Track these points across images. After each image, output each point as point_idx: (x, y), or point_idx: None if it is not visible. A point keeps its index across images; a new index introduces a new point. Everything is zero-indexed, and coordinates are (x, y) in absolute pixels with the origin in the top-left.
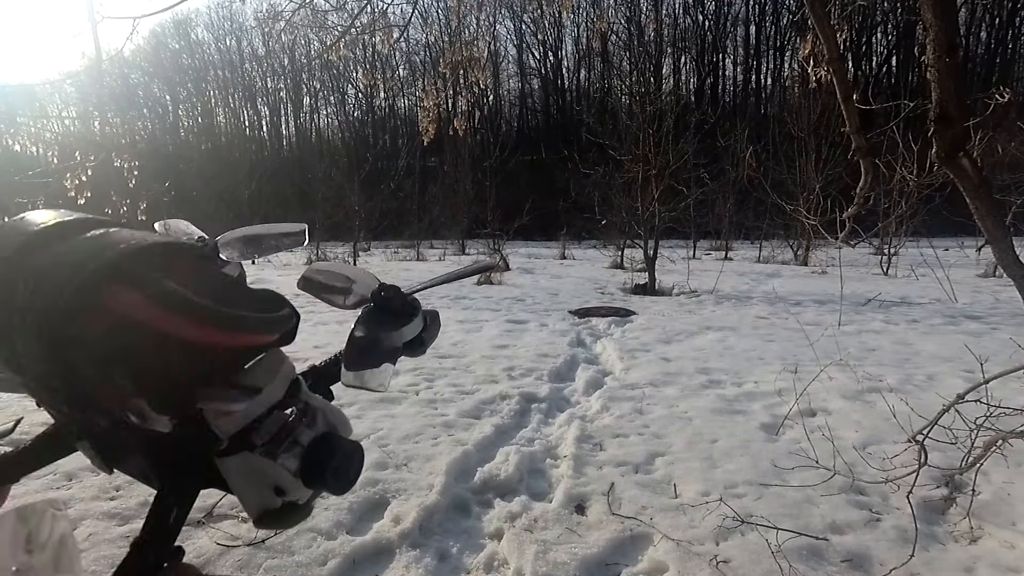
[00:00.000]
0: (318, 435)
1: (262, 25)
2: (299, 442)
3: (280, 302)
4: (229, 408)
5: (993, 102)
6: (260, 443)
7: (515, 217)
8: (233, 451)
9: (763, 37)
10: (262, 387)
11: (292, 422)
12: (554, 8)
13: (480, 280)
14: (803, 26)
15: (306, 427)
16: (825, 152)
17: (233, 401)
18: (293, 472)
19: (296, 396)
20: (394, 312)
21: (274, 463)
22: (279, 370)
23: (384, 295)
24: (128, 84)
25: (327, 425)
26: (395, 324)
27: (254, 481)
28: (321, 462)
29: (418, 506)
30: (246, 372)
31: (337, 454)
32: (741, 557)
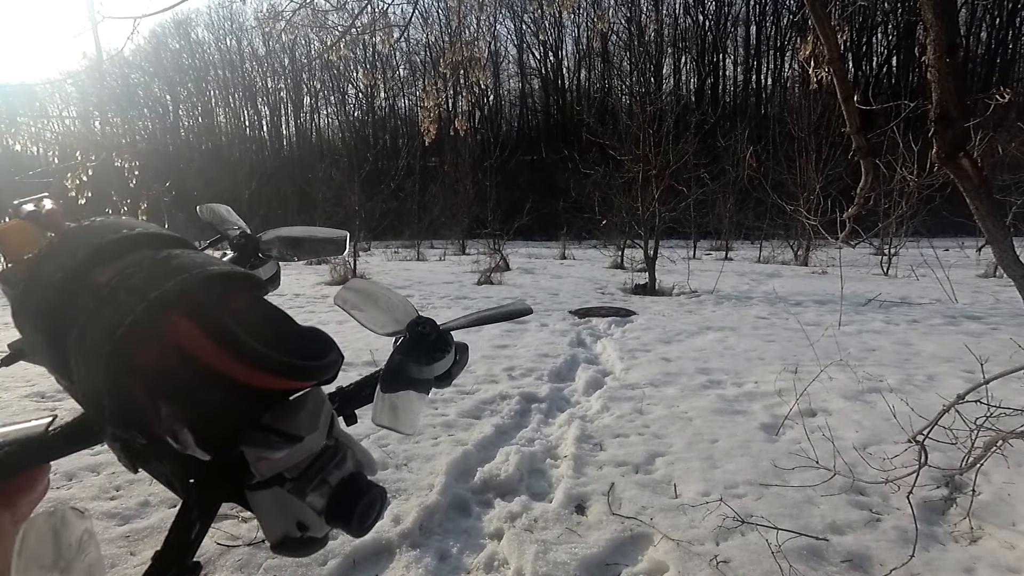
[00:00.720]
0: (346, 475)
1: (262, 25)
2: (328, 481)
3: (328, 344)
4: (271, 456)
5: (993, 102)
6: (290, 478)
7: (515, 217)
8: (264, 486)
9: (763, 37)
10: (304, 436)
11: (322, 460)
12: (554, 8)
13: (480, 280)
14: (803, 26)
15: (335, 466)
16: (825, 152)
17: (275, 449)
18: (319, 511)
19: (328, 433)
20: (428, 346)
21: (302, 502)
22: (321, 416)
23: (420, 329)
24: (129, 84)
25: (356, 464)
26: (428, 359)
27: (279, 515)
28: (348, 504)
29: (418, 506)
30: (288, 415)
31: (363, 497)
32: (741, 557)
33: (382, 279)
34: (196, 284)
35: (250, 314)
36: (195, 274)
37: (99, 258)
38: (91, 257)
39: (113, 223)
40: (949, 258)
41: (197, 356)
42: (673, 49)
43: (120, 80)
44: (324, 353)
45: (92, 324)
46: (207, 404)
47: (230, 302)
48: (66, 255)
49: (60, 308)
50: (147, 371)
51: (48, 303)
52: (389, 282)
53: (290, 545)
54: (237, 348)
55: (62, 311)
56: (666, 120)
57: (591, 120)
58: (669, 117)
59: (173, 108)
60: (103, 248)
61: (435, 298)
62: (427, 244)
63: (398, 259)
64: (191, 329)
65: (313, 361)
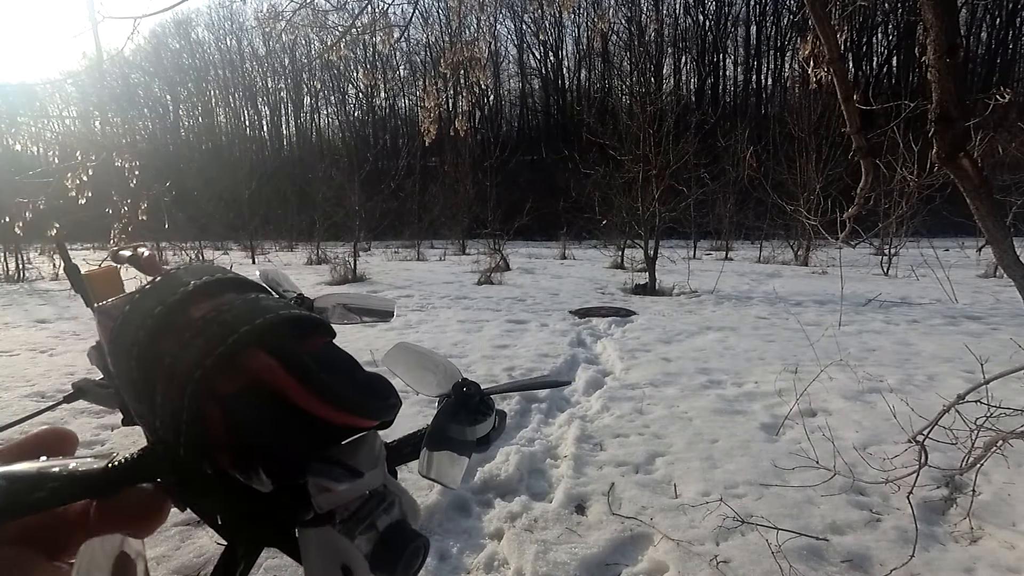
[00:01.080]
0: (393, 521)
1: (263, 25)
2: (375, 526)
3: (389, 389)
4: (334, 487)
5: (993, 102)
6: (340, 519)
7: (515, 217)
8: (316, 523)
9: (764, 37)
10: (365, 472)
11: (371, 504)
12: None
13: (480, 280)
14: (804, 26)
15: (383, 512)
16: (825, 152)
17: (338, 481)
18: (365, 555)
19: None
20: (472, 408)
21: (350, 543)
22: (380, 456)
23: (466, 391)
24: (129, 84)
25: (402, 512)
26: (471, 420)
27: (326, 556)
28: (394, 550)
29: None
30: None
31: (409, 545)
32: (741, 557)
33: (382, 279)
34: (279, 323)
35: (323, 355)
36: (280, 314)
37: (195, 297)
38: (188, 295)
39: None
40: (949, 258)
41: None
42: (673, 49)
43: (120, 80)
44: (387, 396)
45: (185, 351)
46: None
47: (306, 343)
48: (166, 292)
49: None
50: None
51: (145, 332)
52: (389, 282)
53: None
54: (312, 382)
55: (157, 340)
56: (666, 120)
57: (591, 120)
58: (669, 117)
59: (173, 108)
60: (199, 288)
61: (435, 298)
62: (427, 244)
63: (398, 259)
64: (272, 363)
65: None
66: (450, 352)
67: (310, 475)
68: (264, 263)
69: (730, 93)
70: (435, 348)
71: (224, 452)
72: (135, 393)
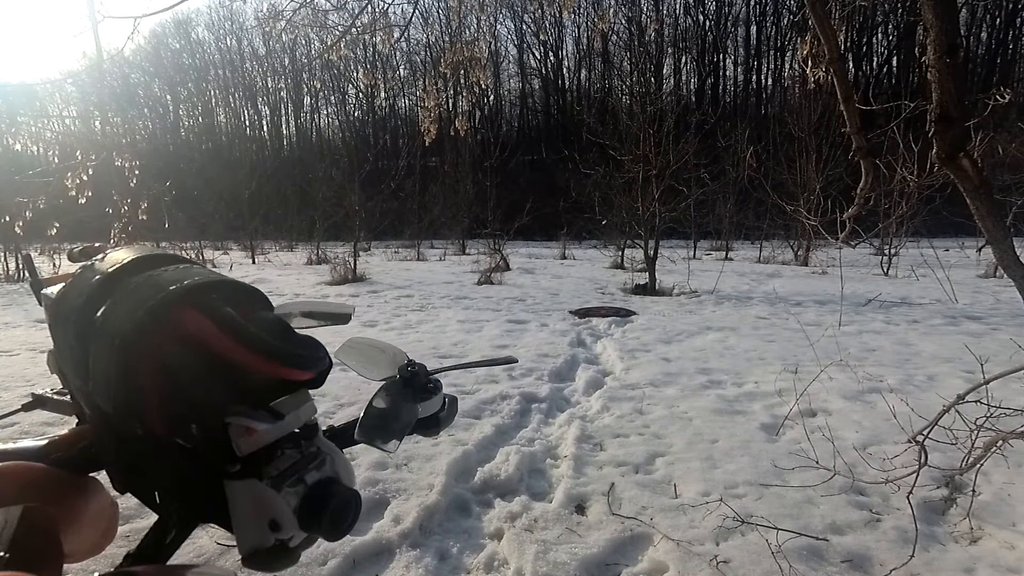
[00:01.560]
0: (323, 478)
1: (262, 24)
2: (304, 480)
3: (319, 347)
4: (253, 425)
5: (993, 103)
6: (268, 475)
7: (515, 217)
8: (243, 476)
9: (764, 37)
10: (285, 414)
11: (301, 462)
12: (555, 8)
13: (480, 280)
14: (804, 26)
15: (314, 468)
16: (826, 152)
17: (258, 420)
18: (293, 508)
19: (310, 439)
20: (416, 387)
21: (277, 495)
22: (303, 405)
23: (410, 370)
24: (129, 84)
25: (333, 471)
26: (415, 398)
27: (254, 510)
28: (321, 504)
29: (418, 506)
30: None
31: (337, 498)
32: (741, 557)
33: (382, 279)
34: (205, 284)
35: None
36: (210, 278)
37: (129, 269)
38: (123, 267)
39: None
40: (949, 258)
41: (206, 342)
42: (673, 49)
43: (120, 80)
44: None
45: (115, 312)
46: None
47: (239, 307)
48: (106, 264)
49: (91, 303)
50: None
51: (82, 299)
52: (389, 282)
53: (261, 556)
54: (242, 335)
55: (92, 306)
56: (666, 120)
57: (591, 120)
58: (669, 117)
59: (173, 108)
60: (134, 260)
61: (435, 298)
62: (427, 244)
63: (398, 259)
64: (200, 318)
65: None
66: (450, 352)
67: (231, 416)
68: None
69: (730, 93)
70: (435, 348)
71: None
72: (73, 365)
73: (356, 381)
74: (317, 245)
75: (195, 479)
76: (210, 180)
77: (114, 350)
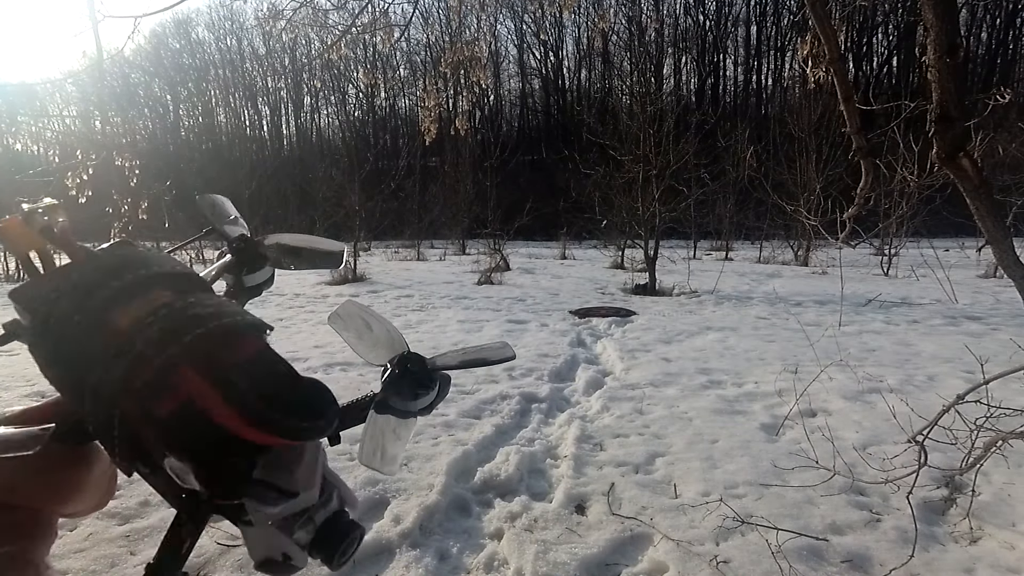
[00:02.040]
0: (331, 514)
1: (262, 24)
2: (314, 520)
3: (327, 402)
4: (267, 511)
5: (993, 103)
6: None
7: (515, 217)
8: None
9: (764, 37)
10: (299, 492)
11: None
12: (555, 8)
13: (480, 280)
14: (804, 26)
15: (321, 506)
16: (826, 152)
17: (272, 504)
18: (303, 546)
19: None
20: (413, 381)
21: (289, 539)
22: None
23: (409, 367)
24: (129, 83)
25: (339, 503)
26: (412, 394)
27: (266, 547)
28: (331, 542)
29: (418, 506)
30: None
31: (346, 537)
32: (741, 557)
33: (382, 279)
34: (209, 338)
35: (256, 366)
36: (210, 327)
37: (117, 301)
38: (110, 299)
39: (131, 258)
40: (949, 258)
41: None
42: (673, 49)
43: (120, 80)
44: (322, 411)
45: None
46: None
47: (238, 351)
48: (83, 294)
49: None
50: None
51: (66, 346)
52: (389, 282)
53: (271, 567)
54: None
55: (80, 356)
56: (666, 120)
57: (591, 120)
58: (669, 117)
59: (173, 108)
60: (122, 291)
61: (435, 298)
62: (427, 244)
63: (398, 259)
64: (202, 385)
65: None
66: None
67: (245, 498)
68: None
69: (730, 93)
70: (435, 348)
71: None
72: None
73: (356, 382)
74: None
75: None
76: (210, 180)
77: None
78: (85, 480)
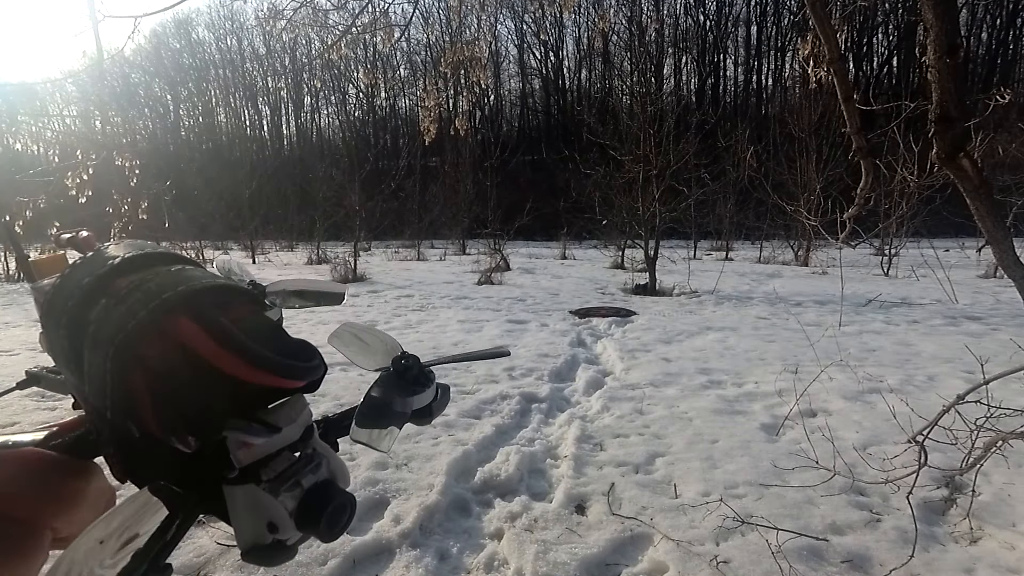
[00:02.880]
0: (319, 480)
1: (263, 24)
2: (301, 484)
3: (312, 353)
4: (250, 440)
5: (993, 103)
6: (266, 479)
7: (516, 217)
8: (241, 481)
9: (764, 37)
10: (282, 427)
11: (298, 464)
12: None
13: (481, 280)
14: (804, 26)
15: (310, 472)
16: (826, 153)
17: (255, 435)
18: (290, 511)
19: (306, 441)
20: (410, 380)
21: (274, 499)
22: (299, 415)
23: (404, 363)
24: (129, 83)
25: (329, 473)
26: (409, 391)
27: (252, 513)
28: (317, 507)
29: (418, 506)
30: (270, 411)
31: (333, 501)
32: (741, 557)
33: (382, 279)
34: (202, 290)
35: (248, 322)
36: (204, 282)
37: (121, 269)
38: (115, 267)
39: (138, 243)
40: (949, 258)
41: (197, 352)
42: (674, 49)
43: (121, 79)
44: (309, 358)
45: (107, 318)
46: (200, 397)
47: (231, 311)
48: (95, 265)
49: (82, 306)
50: (151, 364)
51: (73, 301)
52: (389, 282)
53: (259, 552)
54: (234, 345)
55: (84, 309)
56: (667, 120)
57: (592, 120)
58: (670, 117)
59: (174, 107)
60: (126, 260)
61: (435, 298)
62: (427, 244)
63: (398, 259)
64: (194, 328)
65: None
66: (450, 351)
67: (228, 431)
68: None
69: (730, 93)
70: (435, 348)
71: (148, 414)
72: (66, 363)
73: (356, 381)
74: (317, 245)
75: (194, 477)
76: (210, 180)
77: (107, 359)
78: (82, 494)
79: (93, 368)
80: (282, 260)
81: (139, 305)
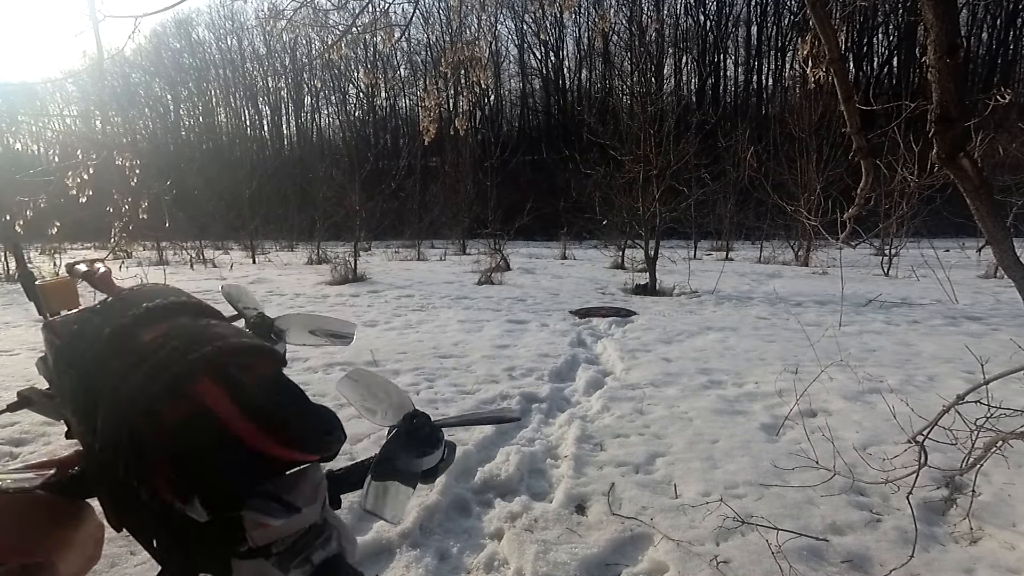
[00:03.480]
0: (330, 556)
1: (263, 24)
2: (311, 560)
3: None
4: (269, 522)
5: (994, 103)
6: (276, 551)
7: (516, 217)
8: (251, 556)
9: (764, 38)
10: (303, 508)
11: (309, 536)
12: (555, 8)
13: (481, 280)
14: (804, 27)
15: (320, 546)
16: (826, 153)
17: (275, 516)
18: None
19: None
20: (420, 439)
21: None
22: (320, 491)
23: (415, 422)
24: (129, 83)
25: (339, 547)
26: (419, 452)
27: None
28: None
29: (418, 506)
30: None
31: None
32: (741, 557)
33: (383, 279)
34: (228, 352)
35: (271, 384)
36: (229, 342)
37: (145, 320)
38: (138, 318)
39: (160, 290)
40: (950, 259)
41: (220, 418)
42: (674, 49)
43: (121, 79)
44: (330, 430)
45: (131, 378)
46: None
47: (255, 371)
48: (116, 313)
49: (102, 361)
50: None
51: (92, 354)
52: (390, 282)
53: None
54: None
55: (103, 363)
56: (667, 120)
57: (592, 120)
58: (670, 117)
59: (174, 107)
60: (150, 311)
61: (436, 298)
62: (428, 244)
63: (398, 259)
64: (219, 393)
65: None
66: (450, 352)
67: (246, 510)
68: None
69: (731, 93)
70: (435, 348)
71: (162, 479)
72: (74, 410)
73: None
74: (317, 245)
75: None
76: (210, 180)
77: (126, 422)
78: (72, 538)
79: (108, 427)
80: (282, 260)
81: (163, 367)
